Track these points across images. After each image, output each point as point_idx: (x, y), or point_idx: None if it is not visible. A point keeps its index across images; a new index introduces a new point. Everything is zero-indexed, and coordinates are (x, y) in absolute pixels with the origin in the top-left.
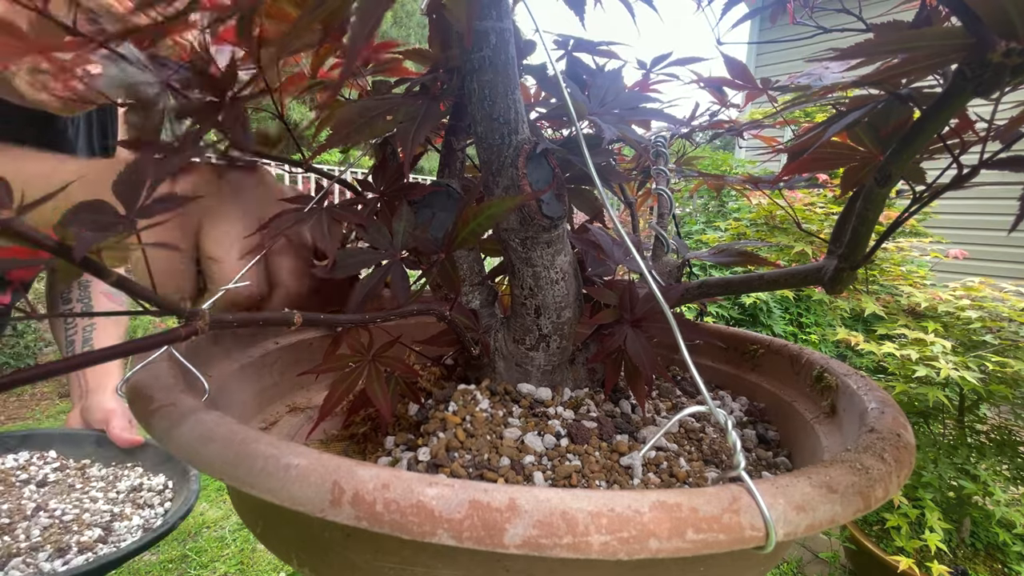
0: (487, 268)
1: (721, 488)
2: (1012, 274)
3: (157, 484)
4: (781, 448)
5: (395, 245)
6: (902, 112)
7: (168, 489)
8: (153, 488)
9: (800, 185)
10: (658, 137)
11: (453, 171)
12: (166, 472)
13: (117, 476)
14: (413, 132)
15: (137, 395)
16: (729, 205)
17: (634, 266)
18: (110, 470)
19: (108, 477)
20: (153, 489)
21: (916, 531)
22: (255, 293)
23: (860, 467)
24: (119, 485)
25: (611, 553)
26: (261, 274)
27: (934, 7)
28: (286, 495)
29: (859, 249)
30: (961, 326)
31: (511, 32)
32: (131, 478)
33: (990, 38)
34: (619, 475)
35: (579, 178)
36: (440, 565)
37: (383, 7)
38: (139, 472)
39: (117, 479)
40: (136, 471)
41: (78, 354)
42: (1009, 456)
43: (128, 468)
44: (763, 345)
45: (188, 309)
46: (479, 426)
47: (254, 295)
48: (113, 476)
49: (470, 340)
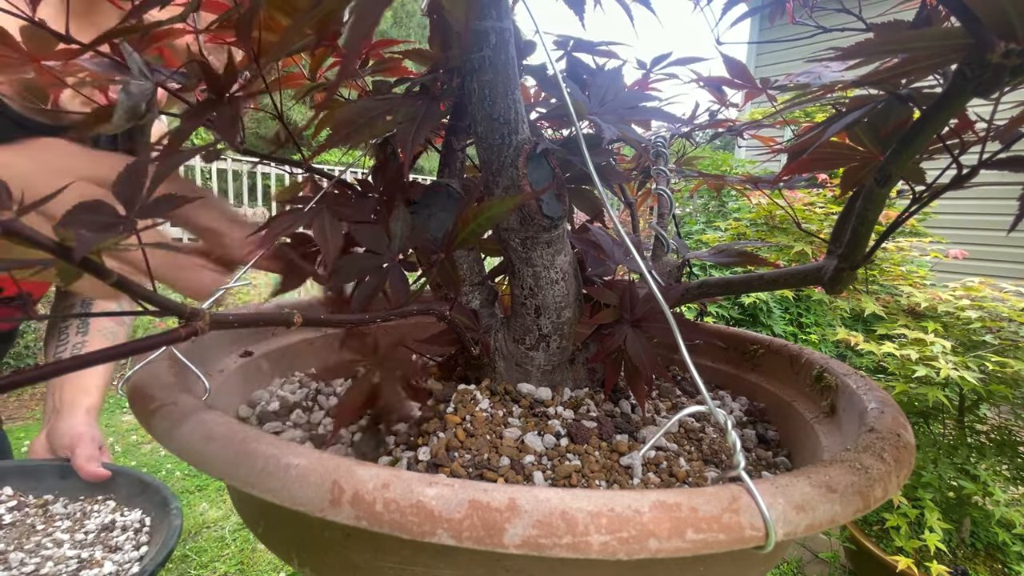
0: (487, 268)
1: (721, 488)
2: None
3: (132, 521)
4: (781, 448)
5: (393, 248)
6: (902, 112)
7: (145, 527)
8: (127, 526)
9: (800, 185)
10: (658, 137)
11: (453, 171)
12: (143, 505)
13: (85, 513)
14: (413, 132)
15: (137, 395)
16: (729, 205)
17: (634, 266)
18: (76, 506)
19: (75, 514)
20: (128, 527)
21: (916, 531)
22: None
23: (860, 467)
24: (87, 524)
25: (611, 553)
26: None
27: (934, 7)
28: (286, 495)
29: (859, 249)
30: (961, 326)
31: (511, 32)
32: (102, 514)
33: (989, 39)
34: (619, 475)
35: (579, 178)
36: (440, 565)
37: (380, 7)
38: (111, 507)
39: (85, 516)
40: (108, 505)
41: (77, 355)
42: (1009, 456)
43: (98, 502)
44: (763, 345)
45: (188, 309)
46: (479, 426)
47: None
48: (80, 513)
49: (470, 340)
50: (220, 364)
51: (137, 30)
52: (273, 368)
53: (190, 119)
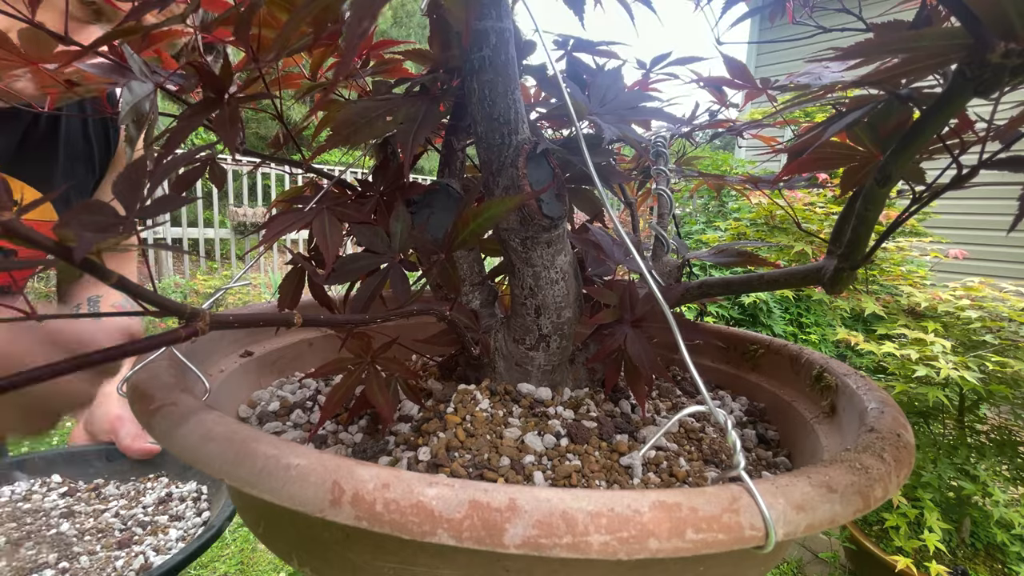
0: (487, 268)
1: (721, 488)
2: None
3: (189, 491)
4: (781, 448)
5: (393, 248)
6: (902, 112)
7: (203, 496)
8: (185, 496)
9: (800, 185)
10: (658, 137)
11: (453, 171)
12: (196, 476)
13: (139, 491)
14: (413, 133)
15: (138, 395)
16: (729, 205)
17: (634, 266)
18: (129, 486)
19: (129, 493)
20: (185, 497)
21: (915, 531)
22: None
23: (860, 467)
24: (144, 500)
25: (611, 553)
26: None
27: (934, 7)
28: (286, 495)
29: (859, 249)
30: (961, 326)
31: (511, 32)
32: (156, 490)
33: (989, 39)
34: (619, 475)
35: (579, 178)
36: (440, 565)
37: (379, 3)
38: (164, 483)
39: (140, 494)
40: (161, 481)
41: (79, 355)
42: (1009, 456)
43: (151, 480)
44: (763, 345)
45: (189, 309)
46: (479, 426)
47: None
48: (135, 492)
49: (470, 340)
50: (220, 364)
51: (137, 31)
52: (273, 368)
53: (188, 120)
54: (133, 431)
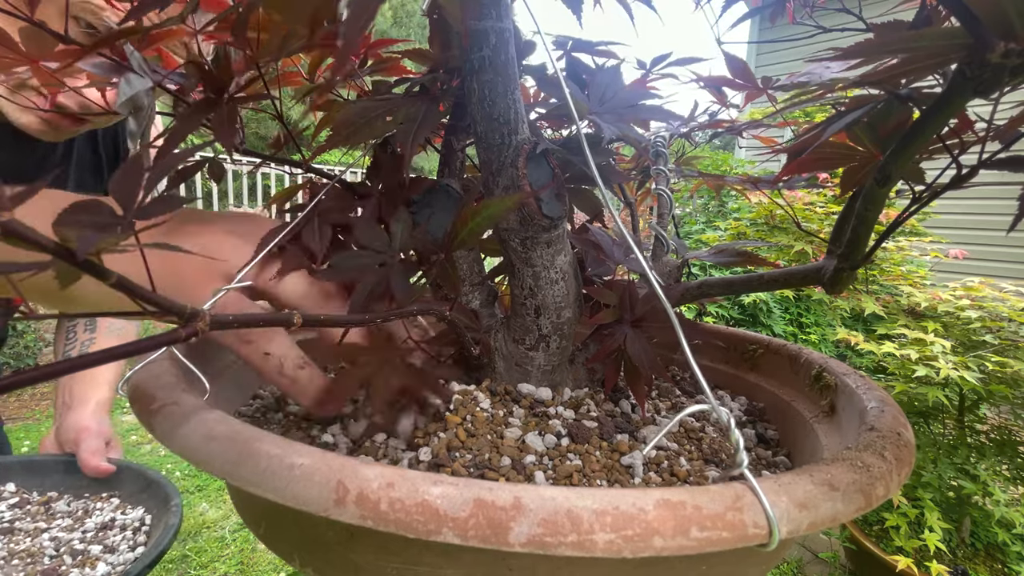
0: (487, 268)
1: (724, 486)
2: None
3: (133, 520)
4: (780, 447)
5: (394, 247)
6: (902, 112)
7: (144, 526)
8: (127, 525)
9: (800, 185)
10: (658, 137)
11: (453, 171)
12: (146, 503)
13: (88, 511)
14: (413, 133)
15: (139, 395)
16: (729, 205)
17: (634, 266)
18: (80, 503)
19: (77, 512)
20: (127, 526)
21: (915, 531)
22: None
23: (861, 465)
24: (87, 522)
25: (616, 551)
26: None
27: (934, 7)
28: (290, 495)
29: (859, 249)
30: (961, 326)
31: (511, 32)
32: (104, 511)
33: (989, 39)
34: (620, 474)
35: (579, 178)
36: (444, 564)
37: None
38: (114, 504)
39: (88, 514)
40: (111, 503)
41: (78, 356)
42: (1009, 456)
43: (102, 499)
44: (762, 345)
45: (189, 309)
46: (480, 426)
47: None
48: (82, 511)
49: (470, 340)
50: (221, 364)
51: (137, 31)
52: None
53: (186, 120)
54: (94, 446)
